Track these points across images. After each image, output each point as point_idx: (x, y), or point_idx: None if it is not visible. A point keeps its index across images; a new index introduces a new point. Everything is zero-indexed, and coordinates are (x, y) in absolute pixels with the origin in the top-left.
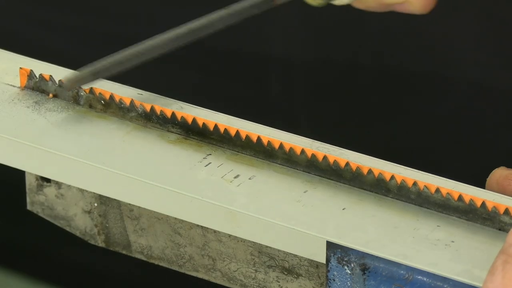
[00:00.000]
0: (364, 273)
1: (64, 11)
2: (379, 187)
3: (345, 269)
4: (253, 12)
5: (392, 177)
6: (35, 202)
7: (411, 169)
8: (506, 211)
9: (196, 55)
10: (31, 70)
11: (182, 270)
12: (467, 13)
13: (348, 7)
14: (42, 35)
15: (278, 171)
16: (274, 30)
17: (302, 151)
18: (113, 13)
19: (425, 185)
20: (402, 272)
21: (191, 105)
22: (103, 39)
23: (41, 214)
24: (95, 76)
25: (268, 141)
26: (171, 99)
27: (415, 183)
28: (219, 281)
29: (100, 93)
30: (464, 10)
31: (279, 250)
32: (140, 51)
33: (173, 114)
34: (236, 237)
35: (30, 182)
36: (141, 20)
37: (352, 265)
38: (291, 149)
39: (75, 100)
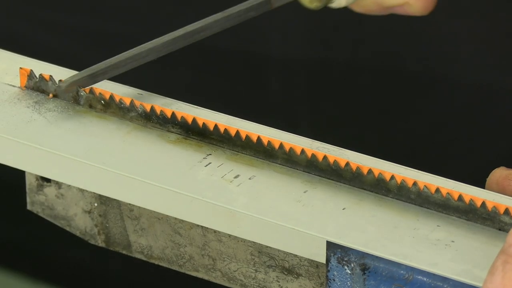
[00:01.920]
0: (364, 273)
1: (64, 11)
2: (379, 187)
3: (345, 269)
4: (250, 15)
5: (392, 177)
6: (35, 202)
7: (411, 169)
8: (506, 211)
9: (196, 55)
10: (31, 70)
11: (182, 270)
12: (467, 13)
13: (346, 9)
14: (42, 35)
15: (278, 171)
16: (274, 30)
17: (302, 151)
18: (113, 13)
19: (425, 185)
20: (402, 272)
21: (191, 105)
22: (103, 39)
23: (41, 214)
24: (93, 79)
25: (268, 141)
26: (171, 99)
27: (415, 183)
28: (219, 281)
29: (100, 93)
30: (464, 10)
31: (279, 250)
32: (138, 54)
33: (173, 114)
34: (236, 237)
35: (30, 182)
36: (141, 20)
37: (352, 265)
38: (291, 149)
39: (75, 100)
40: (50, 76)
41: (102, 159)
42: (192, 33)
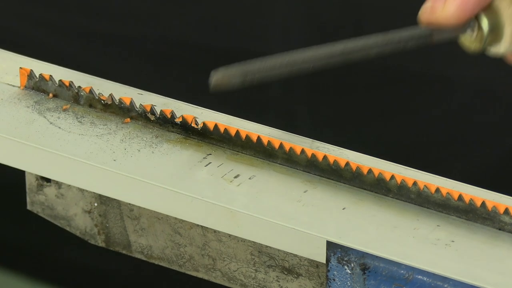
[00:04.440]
0: (364, 273)
1: (65, 12)
2: (379, 187)
3: (345, 269)
4: (410, 44)
5: (392, 177)
6: (35, 202)
7: (411, 169)
8: (506, 211)
9: (196, 55)
10: (31, 70)
11: (182, 270)
12: None
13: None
14: (42, 35)
15: (278, 171)
16: (274, 30)
17: (302, 151)
18: (112, 13)
19: (425, 185)
20: (402, 271)
21: (191, 105)
22: (103, 39)
23: (41, 214)
24: (245, 77)
25: (268, 141)
26: (171, 99)
27: (415, 183)
28: (219, 281)
29: (100, 93)
30: None
31: (279, 250)
32: (293, 61)
33: (173, 114)
34: (236, 237)
35: (30, 182)
36: (141, 20)
37: (352, 264)
38: (291, 149)
39: (75, 99)
40: (50, 76)
41: (102, 159)
42: (350, 51)
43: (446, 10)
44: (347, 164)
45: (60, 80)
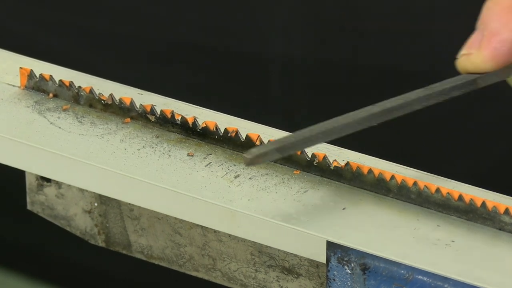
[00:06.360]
0: (365, 273)
1: (65, 11)
2: (380, 187)
3: (345, 269)
4: (454, 94)
5: (392, 177)
6: (35, 202)
7: (411, 169)
8: (506, 211)
9: (196, 55)
10: (31, 70)
11: (182, 270)
12: (467, 12)
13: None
14: (42, 35)
15: (278, 170)
16: (274, 30)
17: (303, 151)
18: (112, 13)
19: (425, 185)
20: (402, 272)
21: (191, 105)
22: (103, 39)
23: (41, 214)
24: (280, 152)
25: (269, 140)
26: (171, 99)
27: (415, 183)
28: (219, 281)
29: (100, 93)
30: (463, 10)
31: (279, 250)
32: (331, 130)
33: (173, 114)
34: (236, 237)
35: (30, 182)
36: (141, 20)
37: (352, 265)
38: None
39: (76, 99)
40: (50, 76)
41: (102, 159)
42: (390, 110)
43: (482, 55)
44: (347, 164)
45: (60, 80)
